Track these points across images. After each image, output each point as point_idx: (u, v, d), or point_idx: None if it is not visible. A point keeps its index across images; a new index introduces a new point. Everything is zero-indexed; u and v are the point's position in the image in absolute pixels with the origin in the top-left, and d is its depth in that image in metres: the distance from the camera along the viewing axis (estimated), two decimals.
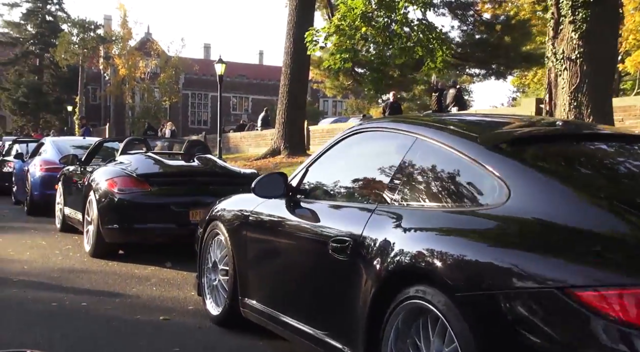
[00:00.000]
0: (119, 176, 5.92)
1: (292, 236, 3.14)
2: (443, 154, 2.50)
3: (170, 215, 5.75)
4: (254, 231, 3.49)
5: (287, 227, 3.18)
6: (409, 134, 2.74)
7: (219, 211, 3.96)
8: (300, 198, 3.25)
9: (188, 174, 6.16)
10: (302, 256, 3.10)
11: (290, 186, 3.29)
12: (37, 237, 7.37)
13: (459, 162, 2.41)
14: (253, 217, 3.49)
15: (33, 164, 9.82)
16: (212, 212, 4.05)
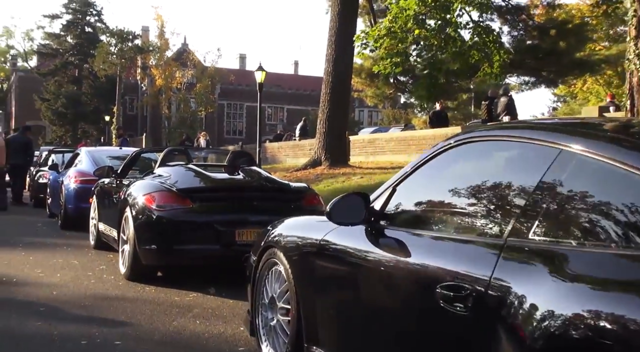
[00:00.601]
0: (158, 190, 5.33)
1: (378, 274, 2.46)
2: (608, 171, 1.80)
3: (214, 235, 5.13)
4: (325, 265, 2.82)
5: (370, 262, 2.50)
6: (549, 144, 2.03)
7: (277, 237, 3.30)
8: (385, 225, 2.57)
9: (234, 189, 5.53)
10: (392, 301, 2.41)
11: (372, 210, 2.62)
12: (70, 255, 6.84)
13: (635, 184, 1.71)
14: (323, 247, 2.82)
15: (67, 175, 9.37)
16: (268, 237, 3.40)
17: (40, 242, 7.81)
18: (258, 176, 6.02)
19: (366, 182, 12.76)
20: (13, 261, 6.33)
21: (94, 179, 8.80)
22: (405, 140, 17.89)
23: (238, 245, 5.14)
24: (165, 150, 6.26)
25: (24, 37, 73.49)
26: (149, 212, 5.22)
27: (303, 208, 5.53)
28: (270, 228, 3.48)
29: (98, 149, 11.01)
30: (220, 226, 5.14)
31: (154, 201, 5.22)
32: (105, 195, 6.92)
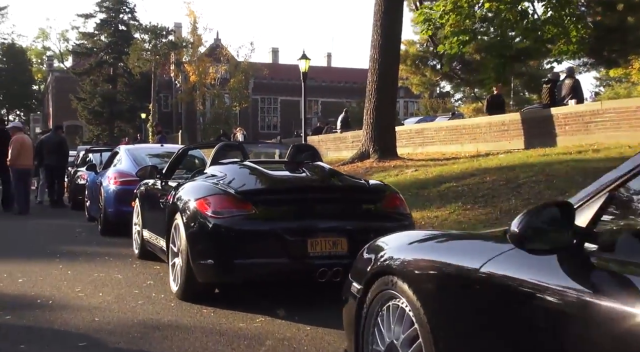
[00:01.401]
0: (213, 193, 4.48)
1: (593, 333, 1.53)
2: None
3: (282, 246, 4.26)
4: (488, 308, 1.90)
5: (573, 313, 1.58)
6: None
7: (393, 260, 2.41)
8: (599, 252, 1.65)
9: (302, 190, 4.64)
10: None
11: (577, 229, 1.69)
12: (112, 267, 6.07)
13: None
14: (485, 282, 1.91)
15: (106, 176, 8.64)
16: (378, 259, 2.52)
17: (79, 251, 7.08)
18: (326, 173, 5.12)
19: (423, 176, 11.78)
20: (50, 276, 5.58)
21: (135, 179, 8.04)
22: (456, 129, 16.82)
23: (311, 257, 4.27)
24: (217, 146, 5.41)
25: (59, 38, 74.28)
26: (204, 220, 4.38)
27: (384, 211, 4.63)
28: (381, 247, 2.59)
29: (138, 146, 10.28)
30: (289, 235, 4.27)
31: (209, 206, 4.37)
32: (149, 198, 6.12)
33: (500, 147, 14.53)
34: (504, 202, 8.06)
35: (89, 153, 13.04)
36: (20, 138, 11.82)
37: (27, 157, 11.81)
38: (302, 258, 4.26)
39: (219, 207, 4.35)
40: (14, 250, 7.21)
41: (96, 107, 45.44)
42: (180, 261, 4.63)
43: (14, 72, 59.77)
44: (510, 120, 14.79)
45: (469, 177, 10.32)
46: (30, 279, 5.42)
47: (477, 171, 10.77)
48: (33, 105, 63.96)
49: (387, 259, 2.44)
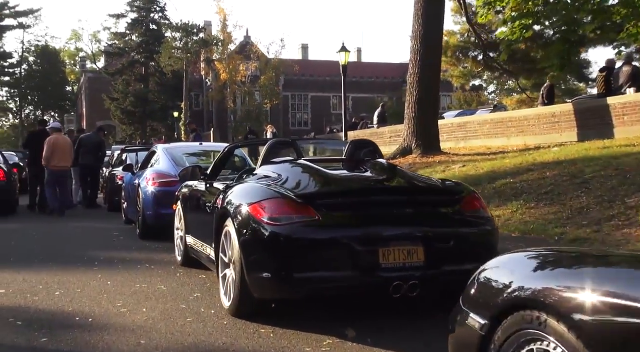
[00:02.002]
0: (269, 197, 3.95)
1: None
2: None
3: (350, 257, 3.71)
4: None
5: None
6: None
7: (538, 291, 1.83)
8: None
9: (371, 192, 4.08)
10: None
11: None
12: (154, 276, 5.60)
13: None
14: None
15: (144, 177, 8.21)
16: (513, 288, 1.94)
17: (118, 258, 6.64)
18: (392, 172, 4.55)
19: (473, 172, 11.12)
20: (89, 288, 5.14)
21: (175, 180, 7.61)
22: (503, 122, 16.06)
23: (383, 269, 3.71)
24: (269, 144, 4.88)
25: (91, 39, 75.12)
26: (259, 227, 3.85)
27: (463, 215, 4.04)
28: (507, 271, 2.02)
29: (176, 145, 9.84)
30: (358, 244, 3.72)
31: (265, 212, 3.84)
32: (193, 202, 5.63)
33: (550, 140, 13.76)
34: (574, 199, 7.38)
35: (125, 153, 12.68)
36: (55, 139, 11.61)
37: (62, 158, 11.58)
38: (373, 271, 3.71)
39: (276, 213, 3.82)
40: (50, 257, 6.81)
41: (129, 107, 45.60)
42: (233, 273, 4.12)
43: (48, 74, 60.48)
44: (562, 112, 14.00)
45: (525, 173, 9.64)
46: (67, 292, 4.98)
47: (533, 166, 10.08)
48: (67, 107, 64.69)
49: (526, 289, 1.86)
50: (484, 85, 57.32)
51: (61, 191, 11.84)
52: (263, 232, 3.83)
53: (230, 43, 43.86)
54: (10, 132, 66.30)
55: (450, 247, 3.84)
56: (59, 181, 11.70)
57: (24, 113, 62.07)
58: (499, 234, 4.21)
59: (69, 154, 11.79)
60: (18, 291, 5.05)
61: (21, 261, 6.52)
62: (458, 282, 4.08)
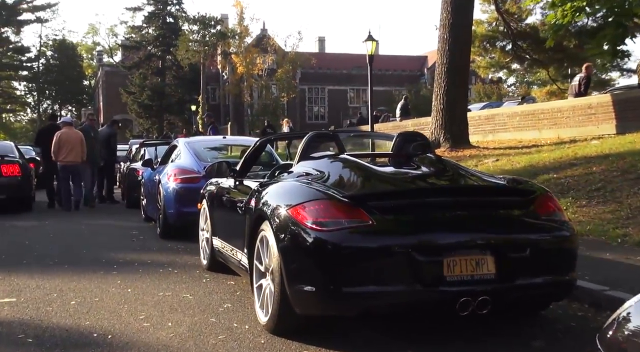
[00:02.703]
0: (314, 198, 3.43)
1: None
2: None
3: (409, 268, 3.18)
4: None
5: None
6: None
7: None
8: None
9: (432, 193, 3.53)
10: None
11: None
12: (179, 283, 5.11)
13: None
14: None
15: (165, 173, 7.73)
16: None
17: (138, 260, 6.17)
18: (450, 168, 4.01)
19: (509, 166, 10.52)
20: (107, 296, 4.66)
21: (198, 176, 7.16)
22: (534, 114, 15.39)
23: (448, 283, 3.18)
24: (307, 137, 4.34)
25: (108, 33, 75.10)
26: (302, 233, 3.33)
27: (537, 218, 3.49)
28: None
29: (198, 139, 9.34)
30: (419, 254, 3.18)
31: (310, 215, 3.33)
32: (221, 200, 5.13)
33: (586, 133, 13.10)
34: (631, 197, 6.78)
35: (143, 147, 12.23)
36: (63, 133, 11.40)
37: (71, 152, 11.32)
38: (436, 284, 3.18)
39: (322, 217, 3.30)
40: (66, 258, 6.37)
41: (146, 101, 45.36)
42: (271, 284, 3.61)
43: (65, 68, 60.49)
44: (599, 103, 13.30)
45: (568, 168, 9.03)
46: (84, 301, 4.51)
47: (575, 160, 9.45)
48: (84, 100, 64.72)
49: None
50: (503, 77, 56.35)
51: (74, 185, 11.62)
52: (307, 239, 3.31)
53: (246, 36, 43.45)
54: (28, 126, 66.56)
55: (525, 257, 3.30)
56: (71, 175, 11.47)
57: (42, 107, 62.20)
58: (578, 240, 3.64)
59: (79, 148, 11.43)
60: (30, 299, 4.59)
61: (35, 263, 6.08)
62: (531, 297, 3.58)
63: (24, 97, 62.18)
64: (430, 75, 63.03)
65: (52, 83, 61.13)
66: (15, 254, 6.68)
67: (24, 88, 61.83)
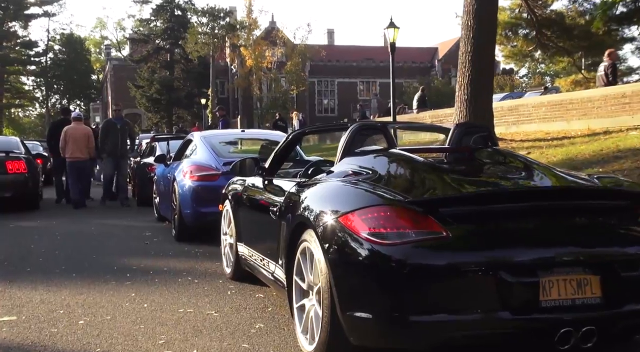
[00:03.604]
0: (371, 204, 2.81)
1: None
2: None
3: (495, 291, 2.56)
4: None
5: None
6: None
7: None
8: None
9: (519, 196, 2.88)
10: None
11: None
12: (200, 295, 4.51)
13: None
14: None
15: (180, 170, 7.13)
16: None
17: (154, 268, 5.57)
18: (527, 166, 3.37)
19: (543, 160, 9.84)
20: (120, 313, 4.07)
21: (217, 173, 6.55)
22: (561, 105, 14.68)
23: (543, 309, 2.56)
24: (352, 129, 3.69)
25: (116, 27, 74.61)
26: (358, 246, 2.72)
27: None
28: None
29: (214, 133, 8.70)
30: (508, 273, 2.56)
31: (366, 224, 2.71)
32: (248, 202, 4.51)
33: (620, 123, 12.38)
34: None
35: (155, 142, 11.64)
36: (70, 128, 11.13)
37: (76, 148, 11.02)
38: (529, 311, 2.56)
39: (383, 227, 2.68)
40: (74, 265, 5.79)
41: (154, 95, 44.86)
42: (317, 306, 3.01)
43: (73, 62, 60.13)
44: (633, 92, 12.58)
45: (614, 161, 8.36)
46: (94, 320, 3.92)
47: (619, 153, 8.78)
48: (92, 95, 64.35)
49: None
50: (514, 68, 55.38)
51: (82, 182, 11.37)
52: (363, 254, 2.70)
53: (255, 28, 42.84)
54: (37, 121, 66.33)
55: (636, 277, 2.66)
56: (78, 172, 11.18)
57: (50, 102, 61.86)
58: None
59: (85, 144, 11.13)
60: (33, 317, 4.01)
61: (39, 271, 5.50)
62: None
63: (32, 92, 61.89)
64: (441, 66, 62.30)
65: (60, 78, 60.78)
66: (18, 259, 6.12)
67: (32, 83, 61.53)
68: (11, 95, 57.12)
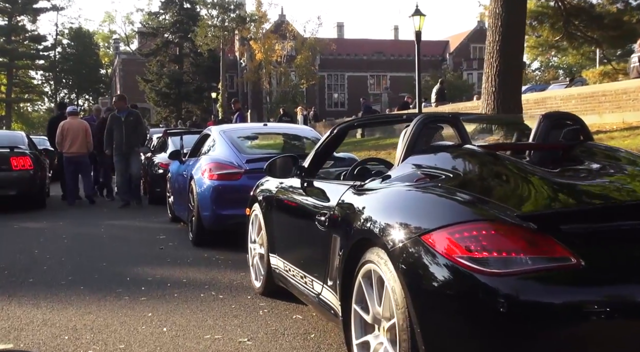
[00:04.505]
0: (468, 220, 2.15)
1: None
2: None
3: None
4: None
5: None
6: None
7: None
8: None
9: None
10: None
11: None
12: (228, 316, 3.87)
13: None
14: None
15: (198, 167, 6.49)
16: None
17: (171, 279, 4.93)
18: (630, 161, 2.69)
19: None
20: (135, 341, 3.44)
21: (239, 171, 5.92)
22: (593, 97, 13.94)
23: None
24: (416, 122, 2.98)
25: (125, 21, 74.12)
26: (452, 275, 2.07)
27: None
28: None
29: (233, 127, 8.03)
30: None
31: (463, 246, 2.07)
32: (284, 208, 3.85)
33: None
34: None
35: (167, 136, 11.00)
36: (67, 122, 10.81)
37: (74, 143, 10.67)
38: None
39: (487, 250, 2.02)
40: (81, 275, 5.18)
41: (163, 89, 44.29)
42: (390, 347, 2.36)
43: (82, 57, 59.71)
44: None
45: None
46: (105, 349, 3.29)
47: None
48: (101, 89, 63.91)
49: None
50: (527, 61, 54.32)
51: (83, 178, 11.03)
52: (458, 285, 2.05)
53: (265, 22, 42.20)
54: (46, 115, 66.00)
55: None
56: (77, 167, 10.85)
57: (59, 96, 61.47)
58: None
59: (83, 138, 10.77)
60: (33, 344, 3.39)
61: (43, 283, 4.88)
62: None
63: (40, 86, 61.50)
64: (452, 60, 61.36)
65: (69, 72, 60.37)
66: (20, 268, 5.50)
67: (41, 77, 61.13)
68: (20, 90, 56.72)
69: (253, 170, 5.91)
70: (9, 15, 51.35)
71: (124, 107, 10.44)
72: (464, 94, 41.56)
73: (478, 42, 62.55)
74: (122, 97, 10.75)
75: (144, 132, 10.92)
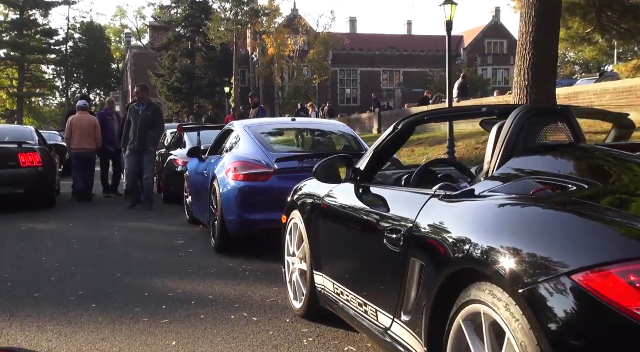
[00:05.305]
0: (632, 258, 1.49)
1: None
2: None
3: None
4: None
5: None
6: None
7: None
8: None
9: None
10: None
11: None
12: (266, 346, 3.25)
13: None
14: None
15: (221, 166, 5.87)
16: None
17: (195, 295, 4.32)
18: None
19: None
20: None
21: (268, 171, 5.31)
22: (631, 92, 13.22)
23: None
24: (519, 114, 2.30)
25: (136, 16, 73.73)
26: (624, 332, 1.42)
27: None
28: None
29: (259, 122, 7.31)
30: None
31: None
32: (336, 219, 3.22)
33: None
34: None
35: (184, 132, 10.39)
36: (76, 118, 10.55)
37: (82, 139, 10.44)
38: None
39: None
40: (93, 289, 4.59)
41: (175, 84, 43.76)
42: None
43: (93, 51, 59.36)
44: None
45: None
46: None
47: None
48: (113, 84, 63.56)
49: None
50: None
51: (84, 173, 10.69)
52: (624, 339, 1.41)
53: (277, 16, 41.62)
54: (57, 110, 65.78)
55: None
56: (85, 163, 10.59)
57: (70, 91, 61.17)
58: None
59: (92, 134, 10.53)
60: None
61: (50, 299, 4.29)
62: None
63: (52, 81, 61.19)
64: (467, 55, 60.40)
65: (81, 66, 60.05)
66: (26, 280, 4.90)
67: (52, 72, 60.85)
68: (32, 85, 56.39)
69: (284, 170, 5.31)
70: (20, 9, 50.98)
71: (145, 98, 9.59)
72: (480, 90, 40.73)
73: (493, 38, 61.61)
74: (145, 87, 9.85)
75: (161, 129, 9.80)
